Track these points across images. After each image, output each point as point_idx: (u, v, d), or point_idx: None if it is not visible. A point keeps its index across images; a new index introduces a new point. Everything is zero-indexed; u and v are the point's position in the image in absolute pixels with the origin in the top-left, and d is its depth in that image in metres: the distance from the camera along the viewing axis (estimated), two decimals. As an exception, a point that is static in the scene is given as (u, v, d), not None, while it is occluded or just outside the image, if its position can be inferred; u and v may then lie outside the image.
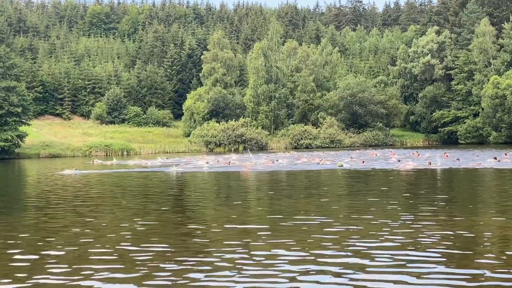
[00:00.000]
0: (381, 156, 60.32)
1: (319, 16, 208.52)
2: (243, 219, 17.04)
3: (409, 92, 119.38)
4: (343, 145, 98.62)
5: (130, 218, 17.46)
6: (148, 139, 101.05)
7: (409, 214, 16.97)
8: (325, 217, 16.68)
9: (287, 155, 65.18)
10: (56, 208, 21.36)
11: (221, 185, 31.89)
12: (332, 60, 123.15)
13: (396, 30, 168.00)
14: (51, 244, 13.50)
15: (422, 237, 13.15)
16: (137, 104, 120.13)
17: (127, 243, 13.19)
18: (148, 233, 14.60)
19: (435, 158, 46.65)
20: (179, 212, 19.61)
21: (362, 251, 11.88)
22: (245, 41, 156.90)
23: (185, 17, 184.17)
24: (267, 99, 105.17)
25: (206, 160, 53.59)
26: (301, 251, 11.95)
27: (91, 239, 13.87)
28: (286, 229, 14.57)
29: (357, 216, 16.89)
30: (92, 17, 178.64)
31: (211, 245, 12.97)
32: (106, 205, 22.04)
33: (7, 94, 79.92)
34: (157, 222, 16.53)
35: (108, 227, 15.89)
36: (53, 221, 17.47)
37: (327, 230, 14.21)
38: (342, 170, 39.71)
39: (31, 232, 15.44)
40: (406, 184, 29.78)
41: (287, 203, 20.84)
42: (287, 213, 17.73)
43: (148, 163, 54.78)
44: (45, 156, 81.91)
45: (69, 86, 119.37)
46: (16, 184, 37.22)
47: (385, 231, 13.88)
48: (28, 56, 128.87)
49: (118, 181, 35.94)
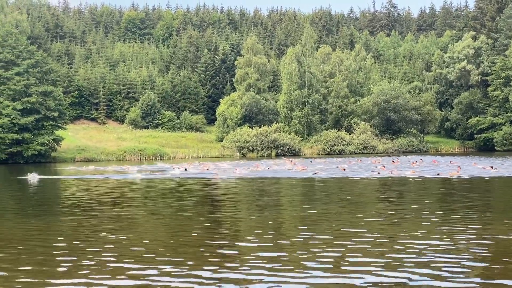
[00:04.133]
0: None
1: (353, 21, 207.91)
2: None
3: (444, 98, 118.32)
4: (376, 151, 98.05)
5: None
6: (181, 144, 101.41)
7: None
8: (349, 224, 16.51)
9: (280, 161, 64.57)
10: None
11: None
12: (366, 66, 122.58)
13: (432, 35, 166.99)
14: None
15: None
16: (171, 109, 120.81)
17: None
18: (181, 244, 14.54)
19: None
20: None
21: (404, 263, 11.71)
22: (279, 47, 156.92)
23: (219, 22, 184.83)
24: (300, 104, 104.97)
25: (185, 167, 52.45)
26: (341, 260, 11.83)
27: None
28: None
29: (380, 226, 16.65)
30: (128, 22, 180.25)
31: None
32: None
33: (44, 99, 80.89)
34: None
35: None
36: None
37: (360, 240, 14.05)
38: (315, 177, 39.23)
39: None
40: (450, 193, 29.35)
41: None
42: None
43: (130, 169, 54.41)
44: (80, 160, 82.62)
45: (104, 91, 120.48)
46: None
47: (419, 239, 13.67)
48: (64, 61, 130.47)
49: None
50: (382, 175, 40.08)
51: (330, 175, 41.41)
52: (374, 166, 51.61)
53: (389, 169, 45.57)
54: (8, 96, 79.28)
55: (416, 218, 17.64)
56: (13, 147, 78.02)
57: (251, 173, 44.30)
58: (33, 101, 79.01)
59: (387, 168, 47.70)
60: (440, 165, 51.91)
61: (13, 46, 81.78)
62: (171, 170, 50.62)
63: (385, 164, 52.19)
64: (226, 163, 61.15)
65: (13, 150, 78.04)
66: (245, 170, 46.86)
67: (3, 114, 77.62)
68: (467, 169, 44.26)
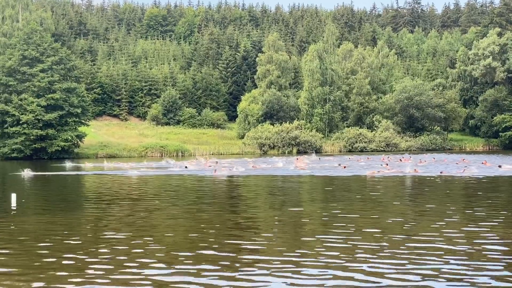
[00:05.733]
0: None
1: (376, 18, 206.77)
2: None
3: (469, 95, 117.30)
4: (399, 149, 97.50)
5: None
6: (202, 140, 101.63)
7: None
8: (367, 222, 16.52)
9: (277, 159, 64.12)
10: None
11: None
12: (388, 63, 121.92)
13: (456, 31, 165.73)
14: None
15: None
16: (192, 105, 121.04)
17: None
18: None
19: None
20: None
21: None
22: (300, 43, 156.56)
23: (240, 19, 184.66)
24: (322, 101, 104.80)
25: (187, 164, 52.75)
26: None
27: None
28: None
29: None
30: (150, 19, 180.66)
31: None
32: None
33: (68, 95, 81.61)
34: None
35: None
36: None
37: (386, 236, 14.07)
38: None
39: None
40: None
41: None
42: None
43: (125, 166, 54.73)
44: (103, 156, 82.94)
45: (126, 88, 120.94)
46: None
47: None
48: (87, 58, 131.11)
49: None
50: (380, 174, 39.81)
51: (326, 172, 41.67)
52: (379, 164, 51.51)
53: (392, 167, 45.27)
54: (32, 93, 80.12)
55: (433, 217, 17.61)
56: (37, 143, 78.93)
57: (248, 171, 44.26)
58: (57, 98, 79.80)
59: (390, 166, 47.49)
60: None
61: (37, 44, 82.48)
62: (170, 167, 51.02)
63: (388, 162, 51.64)
64: (227, 161, 61.43)
65: (37, 146, 78.93)
66: (242, 168, 46.98)
67: (27, 110, 78.44)
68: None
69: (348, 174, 40.36)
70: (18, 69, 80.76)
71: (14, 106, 78.88)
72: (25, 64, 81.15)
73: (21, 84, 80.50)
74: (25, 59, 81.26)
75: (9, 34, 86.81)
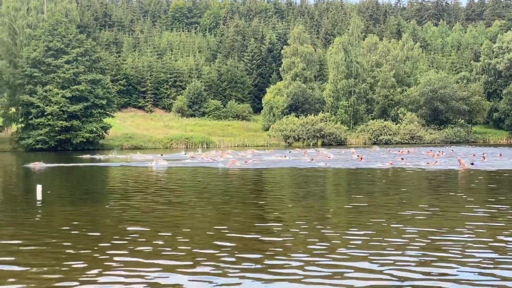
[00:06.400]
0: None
1: (401, 11, 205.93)
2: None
3: (493, 88, 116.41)
4: (423, 142, 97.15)
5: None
6: (227, 132, 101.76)
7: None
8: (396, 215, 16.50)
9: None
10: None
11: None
12: (413, 56, 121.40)
13: (480, 25, 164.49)
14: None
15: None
16: (217, 97, 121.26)
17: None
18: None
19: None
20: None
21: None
22: (325, 36, 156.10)
23: (265, 11, 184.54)
24: (347, 94, 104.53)
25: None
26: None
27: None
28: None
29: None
30: (175, 11, 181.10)
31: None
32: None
33: (93, 87, 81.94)
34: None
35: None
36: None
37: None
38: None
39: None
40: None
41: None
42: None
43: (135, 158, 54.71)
44: (128, 147, 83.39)
45: (152, 79, 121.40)
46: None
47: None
48: (113, 49, 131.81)
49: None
50: (394, 166, 39.74)
51: (345, 165, 41.62)
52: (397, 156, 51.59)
53: (406, 160, 45.17)
54: (57, 84, 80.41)
55: (449, 212, 17.56)
56: (62, 134, 79.23)
57: (254, 164, 43.87)
58: (82, 89, 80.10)
59: (405, 159, 47.40)
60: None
61: (63, 35, 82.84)
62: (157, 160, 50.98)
63: (403, 157, 51.40)
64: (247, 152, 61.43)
65: (62, 137, 79.28)
66: (250, 160, 46.87)
67: (52, 101, 78.78)
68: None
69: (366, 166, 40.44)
70: (43, 60, 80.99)
71: (39, 98, 79.19)
72: (50, 56, 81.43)
73: (46, 76, 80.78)
74: (50, 50, 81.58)
75: (34, 25, 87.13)
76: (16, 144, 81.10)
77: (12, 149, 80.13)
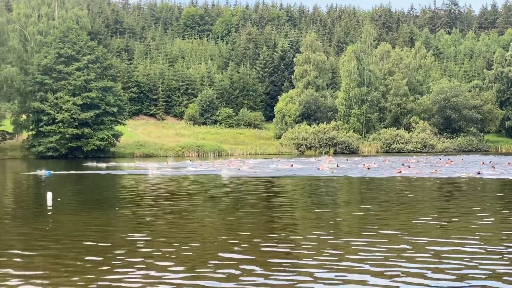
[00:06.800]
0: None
1: (413, 18, 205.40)
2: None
3: (506, 97, 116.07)
4: (435, 150, 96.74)
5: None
6: (239, 140, 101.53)
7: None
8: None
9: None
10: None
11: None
12: (425, 64, 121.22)
13: (493, 33, 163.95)
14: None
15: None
16: (229, 105, 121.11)
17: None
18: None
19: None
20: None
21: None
22: (338, 44, 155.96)
23: (278, 19, 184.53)
24: (359, 102, 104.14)
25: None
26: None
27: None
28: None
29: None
30: (187, 19, 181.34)
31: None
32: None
33: (104, 94, 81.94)
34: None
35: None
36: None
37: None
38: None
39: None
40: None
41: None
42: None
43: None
44: (139, 155, 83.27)
45: (163, 87, 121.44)
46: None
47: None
48: (124, 57, 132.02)
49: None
50: (402, 174, 39.68)
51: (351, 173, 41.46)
52: (403, 164, 51.24)
53: (414, 169, 44.80)
54: (68, 91, 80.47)
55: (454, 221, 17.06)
56: (73, 141, 79.26)
57: (254, 172, 43.65)
58: (93, 96, 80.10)
59: (412, 167, 47.19)
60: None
61: (73, 42, 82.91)
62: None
63: (410, 165, 51.02)
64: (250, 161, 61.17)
65: (73, 144, 79.25)
66: (250, 168, 46.51)
67: (63, 109, 78.83)
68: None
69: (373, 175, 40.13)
70: (54, 67, 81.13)
71: (49, 105, 79.30)
72: (61, 63, 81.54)
73: (56, 83, 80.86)
74: (61, 57, 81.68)
75: (45, 32, 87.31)
76: (27, 152, 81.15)
77: (23, 157, 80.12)
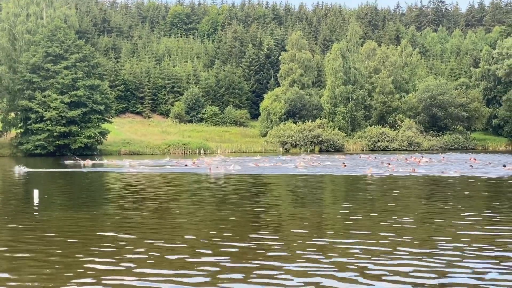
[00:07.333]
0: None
1: (400, 16, 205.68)
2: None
3: (492, 95, 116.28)
4: (421, 148, 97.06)
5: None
6: (225, 138, 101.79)
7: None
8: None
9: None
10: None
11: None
12: (412, 62, 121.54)
13: (480, 31, 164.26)
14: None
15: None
16: (215, 103, 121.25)
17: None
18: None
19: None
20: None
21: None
22: (324, 42, 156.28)
23: (264, 17, 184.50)
24: (345, 100, 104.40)
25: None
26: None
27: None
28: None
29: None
30: (173, 17, 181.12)
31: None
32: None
33: (91, 92, 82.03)
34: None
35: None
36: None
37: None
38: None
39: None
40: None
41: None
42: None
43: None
44: (125, 153, 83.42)
45: (150, 85, 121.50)
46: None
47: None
48: (111, 55, 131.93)
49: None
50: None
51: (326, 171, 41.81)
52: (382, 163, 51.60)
53: (391, 167, 45.15)
54: (56, 90, 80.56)
55: (447, 217, 17.54)
56: (61, 139, 79.41)
57: (243, 170, 44.14)
58: (80, 95, 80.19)
59: (392, 165, 47.54)
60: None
61: (61, 41, 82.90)
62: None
63: (390, 162, 51.37)
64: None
65: (60, 142, 79.44)
66: (238, 166, 46.78)
67: (51, 107, 78.96)
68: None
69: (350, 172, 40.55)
70: (42, 66, 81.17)
71: (37, 103, 79.40)
72: (49, 61, 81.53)
73: (45, 81, 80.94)
74: (49, 56, 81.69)
75: (33, 31, 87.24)
76: (15, 149, 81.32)
77: (11, 154, 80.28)
